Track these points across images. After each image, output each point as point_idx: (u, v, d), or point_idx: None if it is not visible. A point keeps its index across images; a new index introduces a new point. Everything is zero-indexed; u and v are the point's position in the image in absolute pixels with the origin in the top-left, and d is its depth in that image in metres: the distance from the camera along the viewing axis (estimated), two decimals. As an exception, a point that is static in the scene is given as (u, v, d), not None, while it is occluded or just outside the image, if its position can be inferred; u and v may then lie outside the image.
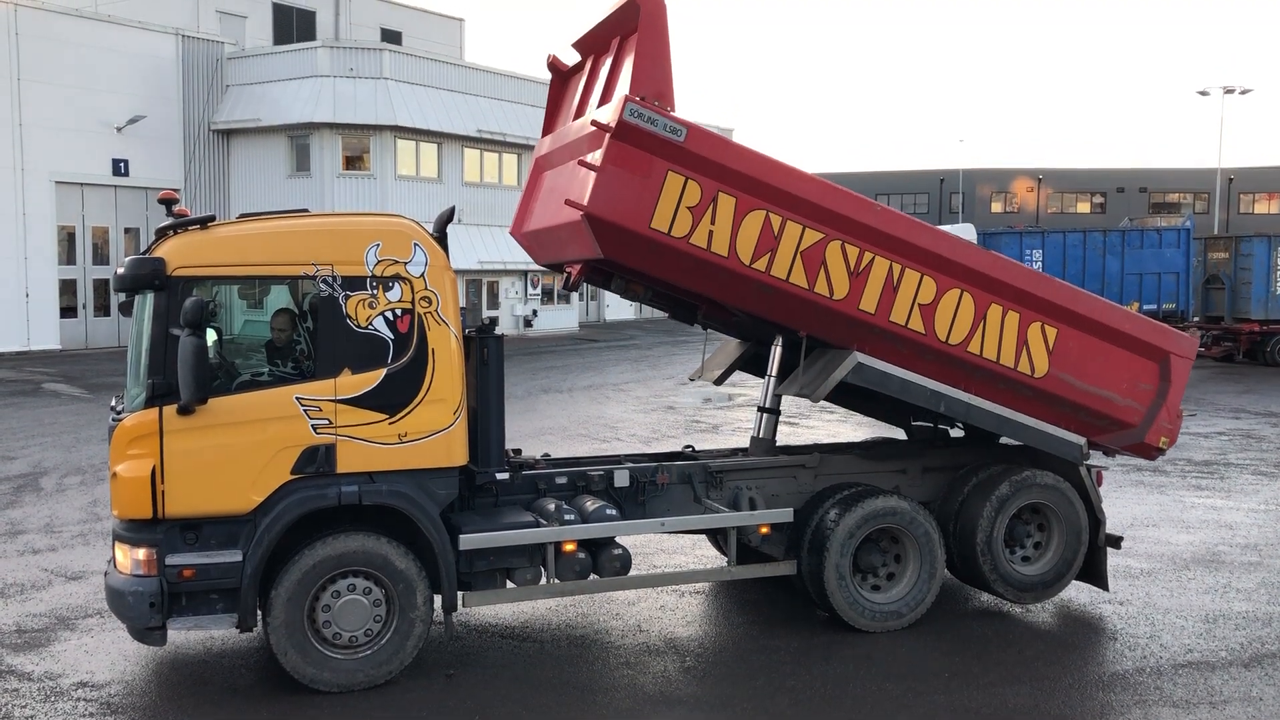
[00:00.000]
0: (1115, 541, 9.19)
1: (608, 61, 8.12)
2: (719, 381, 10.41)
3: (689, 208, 7.42)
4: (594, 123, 7.43)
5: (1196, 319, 32.39)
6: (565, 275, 8.81)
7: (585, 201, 7.24)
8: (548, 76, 9.50)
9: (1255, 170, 75.34)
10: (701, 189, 7.46)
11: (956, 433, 10.47)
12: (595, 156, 7.33)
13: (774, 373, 9.00)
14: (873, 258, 7.96)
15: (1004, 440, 9.54)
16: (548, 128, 9.23)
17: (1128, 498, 13.25)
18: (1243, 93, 57.29)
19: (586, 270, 8.45)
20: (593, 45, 8.57)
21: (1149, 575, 10.15)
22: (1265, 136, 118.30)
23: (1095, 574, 9.09)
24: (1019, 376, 8.47)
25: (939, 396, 8.33)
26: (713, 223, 7.51)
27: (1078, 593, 9.44)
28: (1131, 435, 8.91)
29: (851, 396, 10.62)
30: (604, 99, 7.91)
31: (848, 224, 7.88)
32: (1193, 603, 9.33)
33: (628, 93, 7.27)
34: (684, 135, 7.36)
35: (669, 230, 7.40)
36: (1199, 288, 32.75)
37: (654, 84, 7.37)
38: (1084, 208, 76.12)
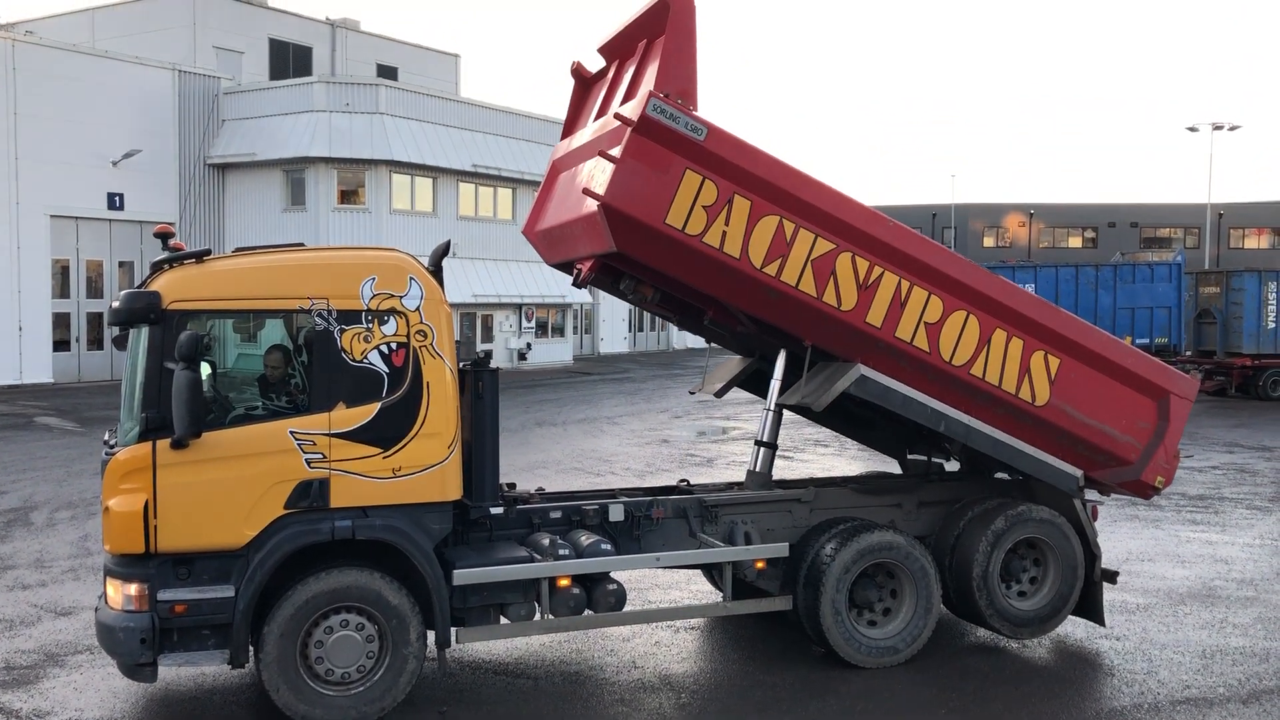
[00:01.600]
0: (1111, 576, 9.16)
1: (632, 65, 8.21)
2: (719, 394, 10.43)
3: (704, 207, 7.47)
4: (617, 116, 7.49)
5: (1189, 353, 32.51)
6: (575, 273, 8.79)
7: (603, 192, 7.28)
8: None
9: (1245, 205, 75.83)
10: (718, 189, 7.51)
11: (952, 466, 10.47)
12: (616, 149, 7.38)
13: (772, 404, 9.00)
14: (882, 272, 8.00)
15: (999, 475, 9.54)
16: (566, 132, 9.28)
17: (1123, 532, 13.23)
18: (1231, 129, 57.72)
19: (597, 267, 8.45)
20: (618, 49, 8.66)
21: (1145, 610, 10.11)
22: (1254, 172, 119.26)
23: (1091, 609, 9.06)
24: (1020, 403, 8.48)
25: (940, 416, 8.32)
26: (727, 224, 7.55)
27: (1074, 628, 9.40)
28: (1128, 472, 8.90)
29: (851, 424, 10.67)
30: (627, 98, 7.98)
31: (860, 236, 7.94)
32: (1190, 638, 9.29)
33: (652, 88, 7.36)
34: (704, 135, 7.42)
35: (683, 227, 7.44)
36: (1191, 322, 32.88)
37: (678, 82, 7.47)
38: (1075, 242, 76.47)
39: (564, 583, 7.64)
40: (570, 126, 9.26)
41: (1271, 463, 19.86)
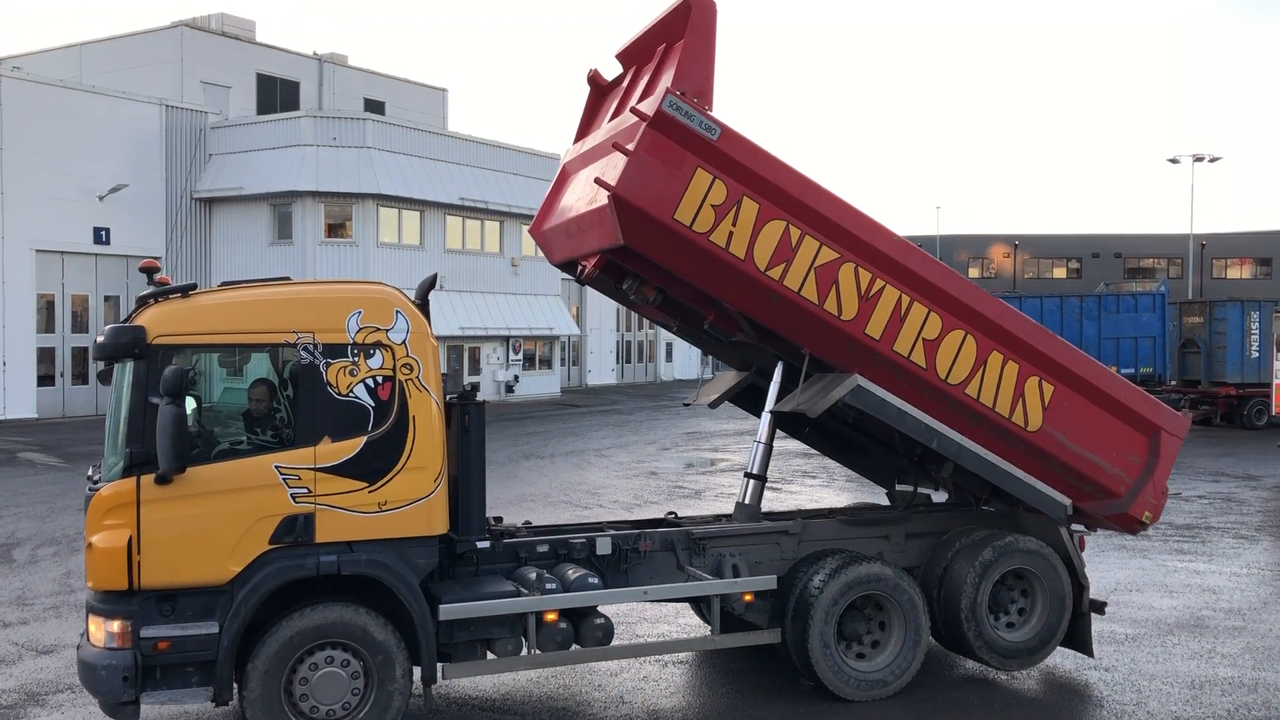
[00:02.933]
0: (1099, 607, 9.15)
1: (649, 70, 8.32)
2: (713, 405, 10.44)
3: (713, 205, 7.54)
4: (633, 110, 7.60)
5: (1174, 382, 32.68)
6: (579, 270, 8.85)
7: (614, 182, 7.34)
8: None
9: (1226, 236, 76.51)
10: (727, 189, 7.58)
11: (939, 498, 10.48)
12: (630, 143, 7.46)
13: (769, 409, 9.04)
14: (884, 285, 8.06)
15: (986, 507, 9.55)
16: (579, 137, 9.35)
17: (1110, 562, 13.24)
18: (1212, 160, 58.31)
19: (602, 264, 8.50)
20: (636, 55, 8.76)
21: (1134, 641, 10.10)
22: (1235, 203, 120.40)
23: (1080, 640, 9.04)
24: (1012, 427, 8.50)
25: (933, 432, 8.33)
26: (734, 224, 7.61)
27: (1063, 659, 9.38)
28: (1116, 505, 8.91)
29: (842, 448, 10.69)
30: (643, 98, 8.06)
31: (864, 248, 8.01)
32: (1178, 668, 9.28)
33: (670, 85, 7.46)
34: (717, 134, 7.51)
35: (691, 224, 7.49)
36: (1175, 352, 33.08)
37: (696, 82, 7.59)
38: (1060, 273, 76.97)
39: (551, 617, 7.59)
40: (583, 132, 9.33)
41: (1257, 492, 19.92)
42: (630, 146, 7.39)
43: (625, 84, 8.85)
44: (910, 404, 8.27)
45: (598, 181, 7.47)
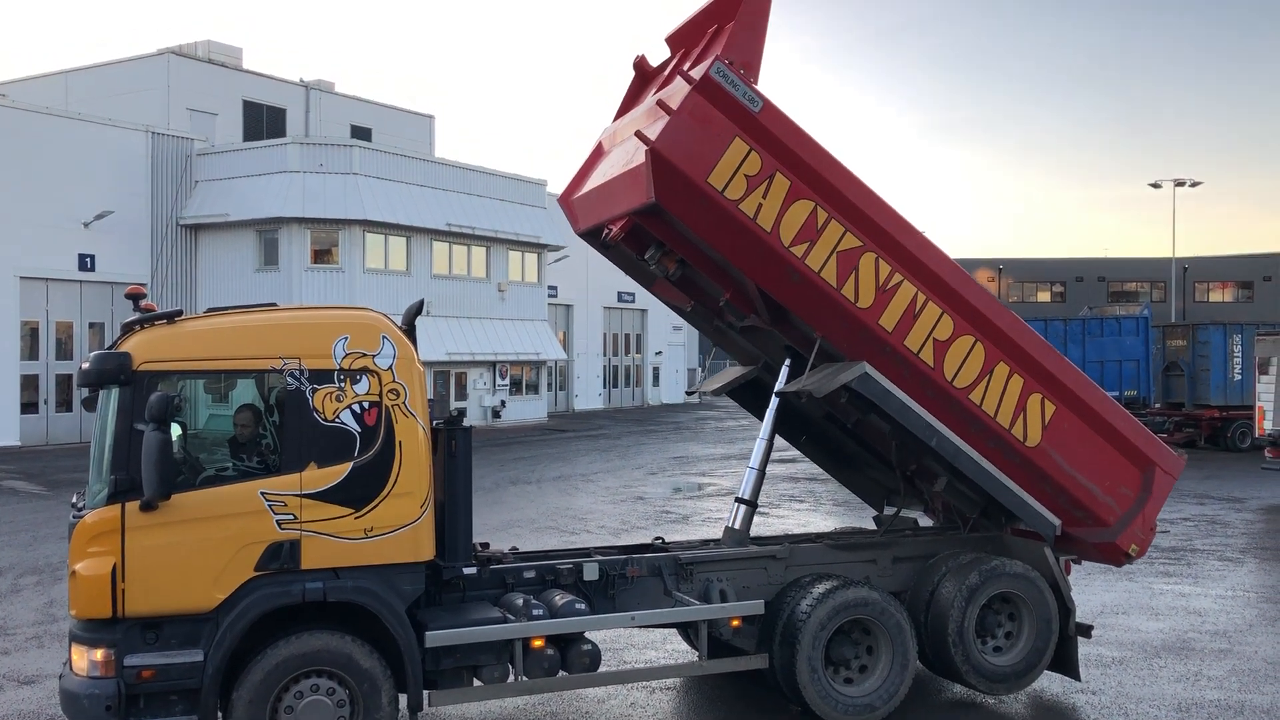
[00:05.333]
0: (1086, 630, 9.17)
1: (698, 51, 8.45)
2: (716, 393, 10.55)
3: (746, 176, 7.66)
4: (680, 72, 7.78)
5: (1158, 405, 32.83)
6: (603, 233, 8.95)
7: (654, 138, 7.43)
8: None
9: (1208, 260, 77.13)
10: (762, 162, 7.69)
11: (925, 522, 10.51)
12: (674, 103, 7.58)
13: (771, 414, 9.14)
14: (902, 280, 8.17)
15: (972, 532, 9.56)
16: (618, 117, 9.44)
17: (1097, 586, 13.26)
18: (1192, 185, 58.86)
19: (629, 227, 8.57)
20: (685, 39, 8.88)
21: (1120, 664, 10.11)
22: (1216, 227, 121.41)
23: (1067, 663, 9.04)
24: (1011, 439, 8.56)
25: (933, 430, 8.37)
26: (764, 197, 7.72)
27: (1050, 682, 9.38)
28: (1105, 534, 8.94)
29: (838, 462, 10.72)
30: (693, 67, 8.17)
31: (888, 241, 8.13)
32: (1165, 691, 9.29)
33: (720, 53, 7.61)
34: (760, 107, 7.64)
35: (723, 190, 7.60)
36: (1159, 375, 33.25)
37: (745, 53, 7.80)
38: (1044, 296, 77.43)
39: (538, 643, 7.56)
40: (623, 112, 9.44)
41: (1241, 514, 20.00)
42: (674, 106, 7.54)
43: (670, 67, 8.97)
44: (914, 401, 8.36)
45: (638, 135, 7.61)
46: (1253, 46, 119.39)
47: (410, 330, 7.65)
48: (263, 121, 43.62)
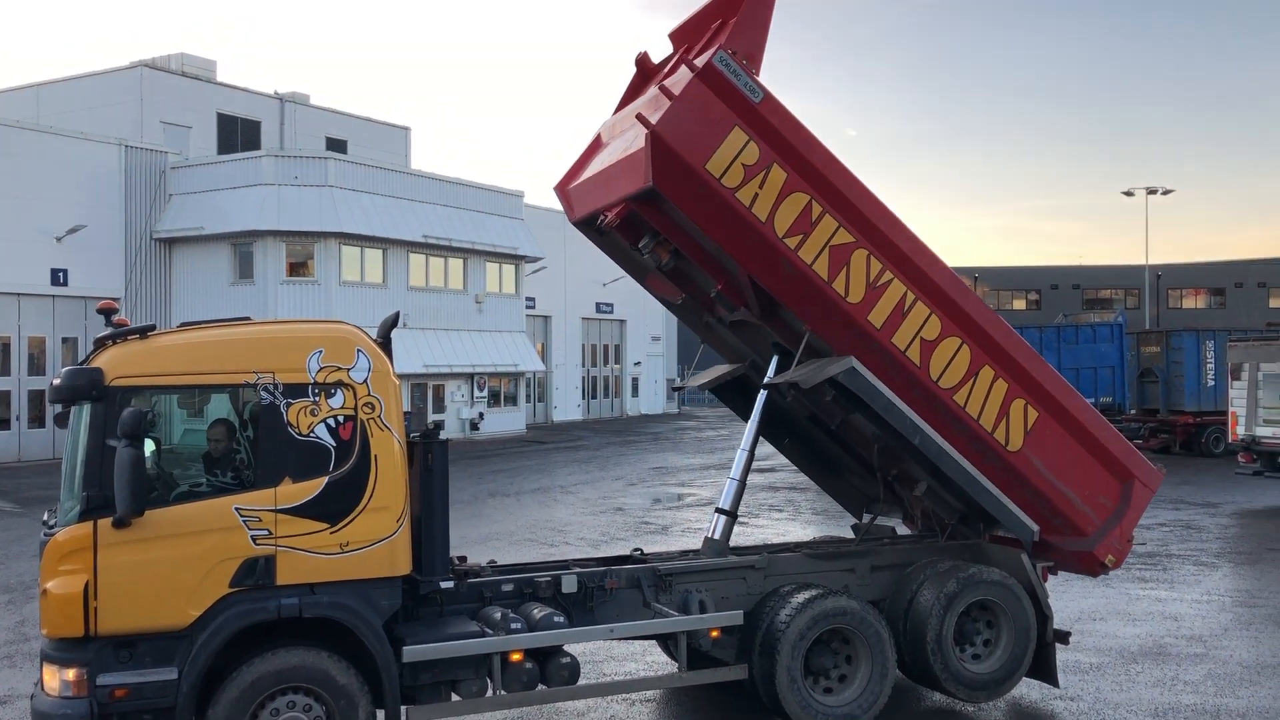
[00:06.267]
0: (1063, 637, 9.20)
1: (701, 44, 8.51)
2: (703, 388, 10.60)
3: (744, 165, 7.75)
4: (685, 61, 7.88)
5: (1133, 411, 33.06)
6: (598, 220, 9.05)
7: (655, 121, 7.48)
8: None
9: (1181, 267, 77.84)
10: (760, 153, 7.78)
11: (903, 530, 10.53)
12: (676, 89, 7.69)
13: (759, 407, 9.20)
14: (892, 278, 8.25)
15: (950, 540, 9.59)
16: (618, 111, 9.49)
17: (1074, 592, 13.31)
18: (1165, 193, 59.44)
19: (624, 213, 8.65)
20: (688, 34, 8.94)
21: (1098, 670, 10.15)
22: (1188, 234, 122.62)
23: (1045, 670, 9.07)
24: (993, 443, 8.61)
25: (917, 429, 8.41)
26: (760, 187, 7.80)
27: (1028, 689, 9.41)
28: (1082, 543, 8.98)
29: (819, 466, 10.75)
30: (696, 57, 8.24)
31: (880, 238, 8.21)
32: (1142, 696, 9.33)
33: (723, 43, 7.69)
34: (760, 98, 7.74)
35: (720, 177, 7.67)
36: (1134, 381, 33.50)
37: (748, 45, 7.89)
38: (1020, 305, 77.90)
39: (516, 657, 7.52)
40: (623, 106, 9.49)
41: (1216, 519, 20.16)
42: (676, 92, 7.62)
43: (674, 60, 9.03)
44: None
45: (639, 118, 7.66)
46: (1224, 56, 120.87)
47: (386, 343, 7.62)
48: (237, 134, 43.41)
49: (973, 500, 8.89)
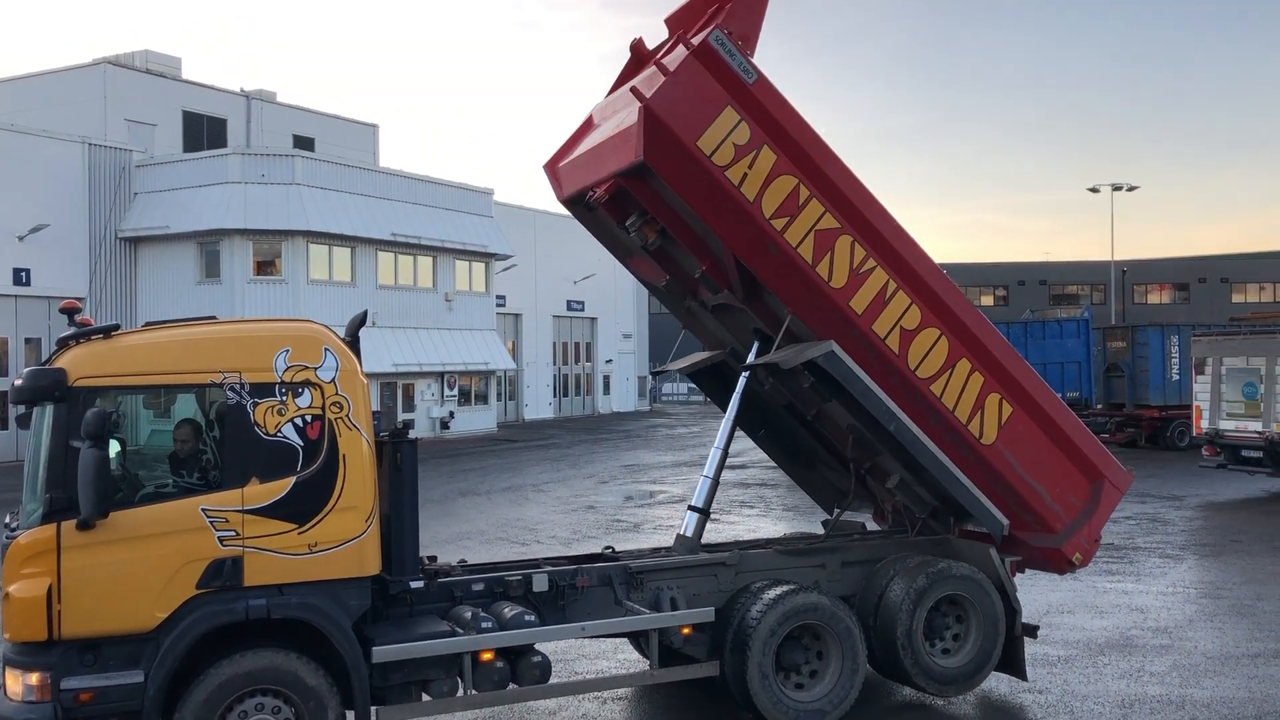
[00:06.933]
0: (1032, 630, 9.27)
1: (697, 28, 8.55)
2: (682, 371, 10.67)
3: (735, 144, 7.81)
4: (681, 39, 7.98)
5: (1100, 406, 33.38)
6: (586, 196, 9.14)
7: (649, 95, 7.58)
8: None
9: (1146, 262, 78.73)
10: (751, 133, 7.85)
11: (871, 525, 10.58)
12: (672, 65, 7.79)
13: (738, 391, 9.28)
14: (875, 266, 8.32)
15: (918, 535, 9.64)
16: (611, 93, 9.51)
17: (1042, 585, 13.42)
18: (1130, 189, 60.06)
19: (613, 189, 8.71)
20: (684, 20, 8.97)
21: (1066, 662, 10.25)
22: (1153, 231, 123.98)
23: (1014, 663, 9.14)
24: (967, 435, 8.69)
25: (893, 415, 8.47)
26: (750, 167, 7.87)
27: (997, 683, 9.48)
28: (1050, 540, 9.06)
29: (793, 458, 10.80)
30: (693, 37, 8.31)
31: (864, 226, 8.29)
32: (1109, 688, 9.43)
33: (720, 23, 7.78)
34: (754, 79, 7.83)
35: (710, 155, 7.74)
36: (1100, 376, 33.82)
37: (744, 27, 8.01)
38: (988, 300, 78.52)
39: (487, 656, 7.49)
40: (615, 90, 9.49)
41: (1181, 511, 20.39)
42: (672, 67, 7.73)
43: (669, 45, 9.06)
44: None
45: (633, 91, 7.75)
46: (1188, 52, 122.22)
47: (354, 342, 7.57)
48: (203, 132, 43.03)
49: (945, 493, 8.95)
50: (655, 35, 9.38)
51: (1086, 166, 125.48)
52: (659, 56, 8.92)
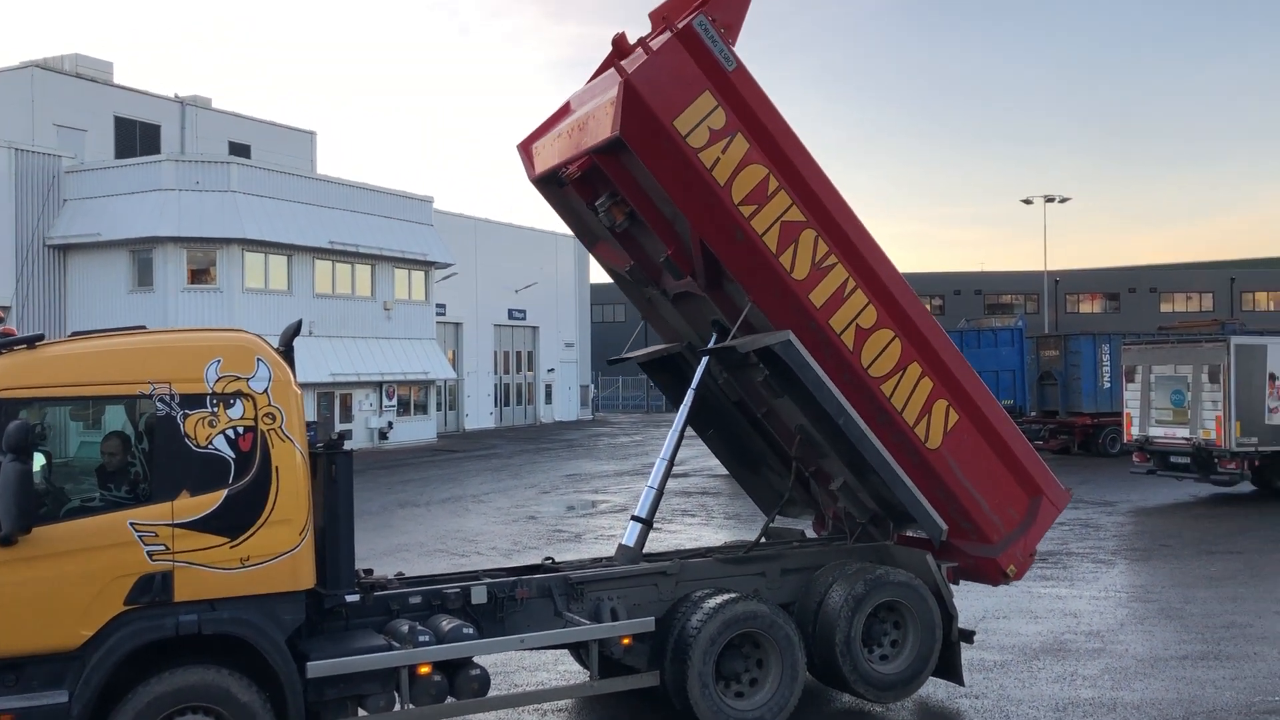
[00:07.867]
0: (968, 636, 9.38)
1: (681, 17, 8.59)
2: (640, 361, 10.82)
3: (710, 129, 7.97)
4: (665, 19, 8.15)
5: (1034, 413, 33.96)
6: (559, 174, 9.23)
7: (631, 71, 7.75)
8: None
9: (1078, 273, 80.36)
10: (726, 119, 8.01)
11: (810, 533, 10.64)
12: (655, 45, 7.97)
13: (698, 375, 9.43)
14: (836, 263, 8.47)
15: (857, 542, 9.70)
16: (591, 81, 9.54)
17: (978, 591, 13.52)
18: (1062, 201, 61.17)
19: (587, 165, 8.81)
20: (668, 16, 8.97)
21: (1002, 667, 10.38)
22: (1085, 241, 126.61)
23: (951, 669, 9.23)
24: (913, 437, 8.81)
25: (843, 409, 8.56)
26: (723, 152, 8.03)
27: (935, 688, 9.57)
28: (987, 550, 9.21)
29: (740, 460, 10.84)
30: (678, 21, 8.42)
31: (829, 222, 8.44)
32: (1043, 692, 9.56)
33: (704, 9, 7.91)
34: (733, 67, 8.02)
35: (686, 135, 7.88)
36: (1034, 384, 34.42)
37: (728, 15, 8.17)
38: (924, 310, 79.49)
39: (424, 670, 7.39)
40: (595, 78, 9.51)
41: (1113, 517, 20.79)
42: (655, 46, 7.92)
43: (653, 33, 9.05)
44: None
45: (616, 67, 7.87)
46: (1118, 67, 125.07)
47: (288, 352, 7.44)
48: (135, 138, 42.21)
49: (887, 496, 9.04)
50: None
51: (1020, 179, 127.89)
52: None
